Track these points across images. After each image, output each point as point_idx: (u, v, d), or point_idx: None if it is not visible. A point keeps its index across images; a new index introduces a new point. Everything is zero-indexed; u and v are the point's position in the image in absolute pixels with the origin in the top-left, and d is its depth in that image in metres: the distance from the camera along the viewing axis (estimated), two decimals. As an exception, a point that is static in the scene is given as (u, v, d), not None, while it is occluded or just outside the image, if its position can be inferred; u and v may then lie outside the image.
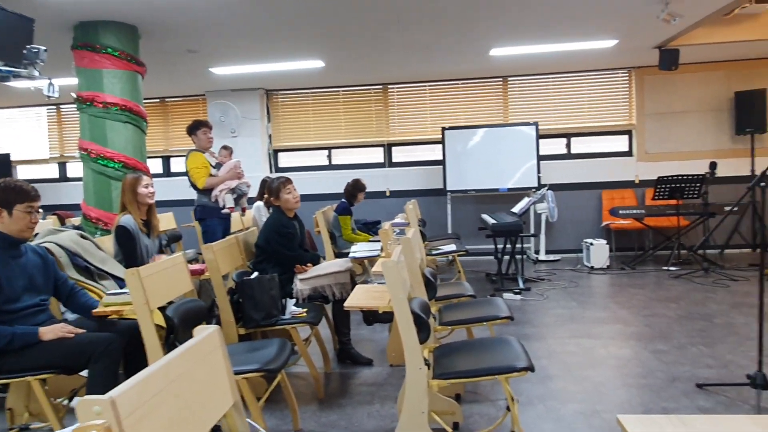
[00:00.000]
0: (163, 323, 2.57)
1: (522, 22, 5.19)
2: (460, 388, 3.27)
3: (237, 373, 2.41)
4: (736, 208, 6.60)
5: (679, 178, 6.43)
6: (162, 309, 2.64)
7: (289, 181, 4.01)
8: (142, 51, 5.04)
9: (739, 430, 1.53)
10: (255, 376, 2.45)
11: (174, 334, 2.44)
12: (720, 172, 6.95)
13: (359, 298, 2.85)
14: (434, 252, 5.99)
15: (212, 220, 4.95)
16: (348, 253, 4.82)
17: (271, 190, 4.05)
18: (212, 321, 3.40)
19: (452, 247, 6.09)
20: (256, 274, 3.47)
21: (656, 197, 6.56)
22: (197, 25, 4.88)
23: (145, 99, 5.51)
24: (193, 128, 5.00)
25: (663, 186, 6.49)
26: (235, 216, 5.42)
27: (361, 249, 4.62)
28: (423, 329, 2.30)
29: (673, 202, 6.57)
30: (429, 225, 7.80)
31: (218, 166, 5.05)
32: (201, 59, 6.18)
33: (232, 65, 6.55)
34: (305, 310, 3.46)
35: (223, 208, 4.91)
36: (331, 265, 3.92)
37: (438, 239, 6.89)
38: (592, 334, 4.37)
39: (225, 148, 5.27)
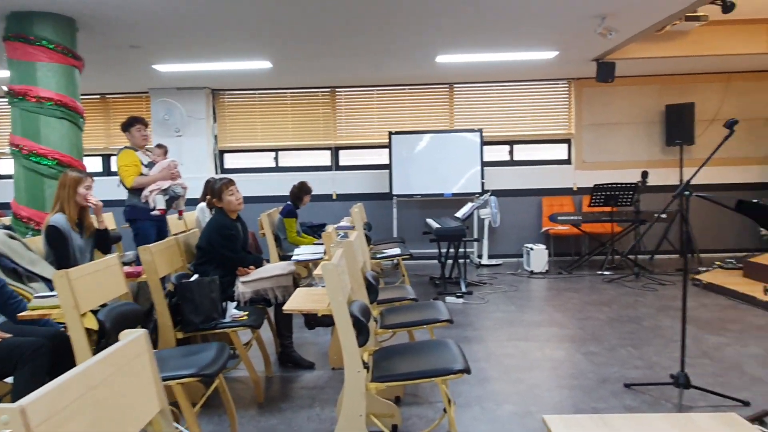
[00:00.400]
0: (95, 327, 2.49)
1: (466, 30, 5.30)
2: (399, 391, 3.30)
3: (172, 378, 2.37)
4: (664, 216, 6.94)
5: (614, 186, 6.72)
6: (96, 312, 2.56)
7: (231, 182, 3.96)
8: (81, 44, 4.87)
9: (655, 428, 1.63)
10: (191, 381, 2.41)
11: (106, 338, 2.37)
12: (651, 181, 7.29)
13: (299, 301, 2.85)
14: (379, 255, 6.04)
15: (144, 222, 4.74)
16: (292, 255, 4.80)
17: (213, 191, 3.99)
18: (150, 325, 3.32)
19: (397, 250, 6.15)
20: (196, 276, 3.42)
21: (592, 204, 6.83)
22: (139, 19, 4.75)
23: (84, 95, 5.31)
24: (128, 125, 4.83)
25: (599, 194, 6.76)
26: (174, 218, 5.27)
27: (304, 252, 4.61)
28: (362, 332, 2.33)
29: (607, 209, 6.86)
30: (375, 229, 7.84)
31: (151, 165, 4.86)
32: (144, 55, 6.02)
33: (177, 63, 6.41)
34: (246, 313, 3.42)
35: (154, 209, 4.71)
36: (273, 268, 3.90)
37: (383, 243, 6.94)
38: (529, 336, 4.50)
39: (159, 146, 5.05)
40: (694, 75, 7.89)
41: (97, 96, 8.25)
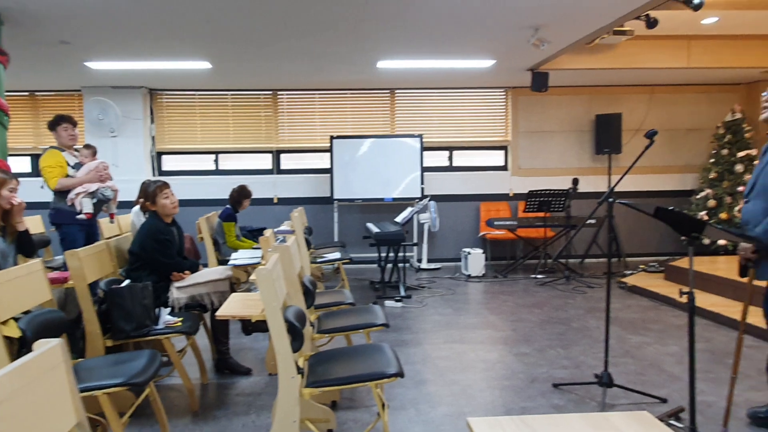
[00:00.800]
0: (17, 335, 2.40)
1: (406, 37, 5.38)
2: (335, 396, 3.33)
3: (99, 388, 2.32)
4: (593, 221, 7.26)
5: (547, 192, 6.97)
6: (18, 320, 2.46)
7: (166, 185, 3.88)
8: (6, 39, 4.64)
9: (572, 427, 1.72)
10: (119, 390, 2.35)
11: (27, 347, 2.29)
12: (581, 188, 7.61)
13: (233, 306, 2.83)
14: (319, 260, 6.05)
15: (70, 227, 4.54)
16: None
17: (147, 194, 3.89)
18: (78, 333, 3.21)
19: (337, 255, 6.18)
20: (127, 281, 3.33)
21: (527, 210, 7.07)
22: (69, 14, 4.57)
23: (10, 91, 5.08)
24: (54, 123, 4.63)
25: (533, 199, 7.00)
26: (107, 222, 5.09)
27: (241, 256, 4.56)
28: (296, 338, 2.34)
29: (541, 214, 7.11)
30: (316, 233, 7.83)
31: (79, 166, 4.66)
32: (75, 52, 5.79)
33: (111, 60, 6.20)
34: (181, 319, 3.37)
35: (80, 213, 4.52)
36: (210, 272, 3.85)
37: (324, 247, 6.95)
38: (464, 339, 4.62)
39: (87, 147, 4.82)
40: (622, 87, 8.30)
41: (26, 93, 7.88)
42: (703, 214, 7.46)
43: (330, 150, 7.83)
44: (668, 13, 5.04)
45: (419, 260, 8.03)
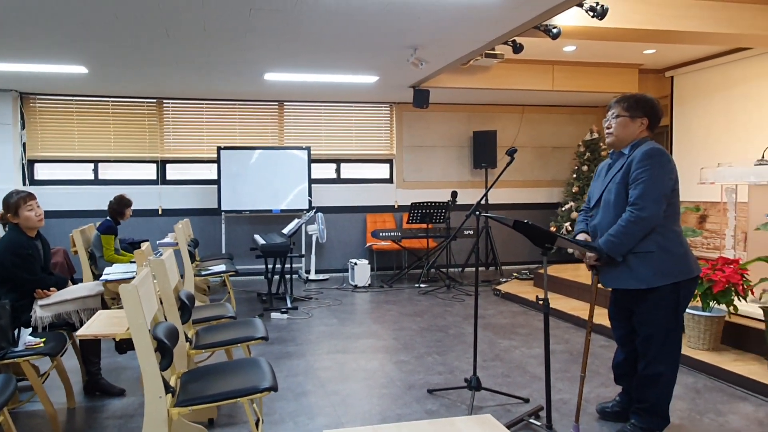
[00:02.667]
0: None
1: (292, 51, 5.43)
2: (212, 413, 3.29)
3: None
4: (471, 232, 7.68)
5: (428, 204, 7.30)
6: None
7: (30, 196, 3.65)
8: None
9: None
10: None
11: None
12: (460, 201, 8.03)
13: (99, 324, 2.74)
14: (204, 272, 5.92)
15: None
16: (106, 275, 4.52)
17: (8, 205, 3.63)
18: None
19: (222, 267, 6.08)
20: (-18, 302, 3.11)
21: (410, 221, 7.35)
22: None
23: None
24: None
25: (415, 211, 7.29)
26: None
27: (115, 271, 4.37)
28: (165, 355, 2.32)
29: (423, 225, 7.42)
30: (203, 245, 7.65)
31: None
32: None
33: (-29, 60, 5.71)
34: (43, 339, 3.19)
35: None
36: (79, 288, 3.67)
37: (210, 259, 6.81)
38: (347, 349, 4.72)
39: None
40: (497, 106, 8.88)
41: None
42: (567, 225, 8.16)
43: (217, 161, 7.69)
44: (534, 40, 5.49)
45: (307, 271, 8.07)
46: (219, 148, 7.70)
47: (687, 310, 4.25)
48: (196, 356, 3.47)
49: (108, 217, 5.58)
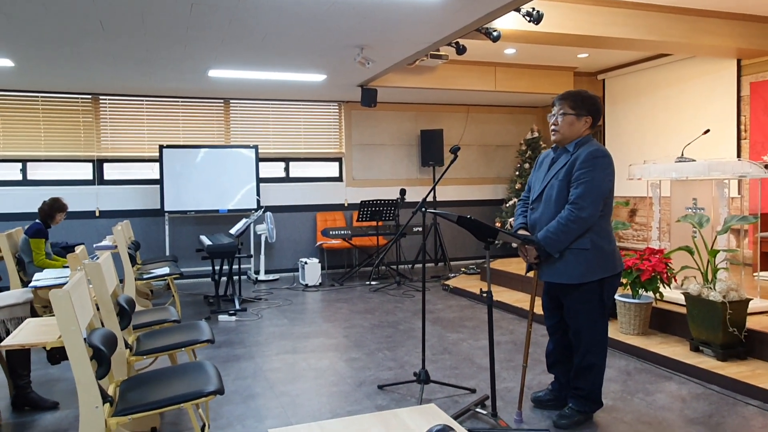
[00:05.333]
0: None
1: (237, 48, 5.34)
2: (155, 421, 3.20)
3: None
4: (420, 229, 7.76)
5: (378, 202, 7.33)
6: None
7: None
8: None
9: (364, 427, 1.86)
10: None
11: None
12: (409, 198, 8.11)
13: (26, 334, 2.61)
14: (146, 276, 5.75)
15: None
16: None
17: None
18: None
19: (166, 269, 5.92)
20: None
21: (360, 219, 7.36)
22: None
23: None
24: None
25: (365, 209, 7.30)
26: None
27: (46, 276, 4.18)
28: (102, 363, 2.24)
29: (373, 223, 7.45)
30: (145, 247, 7.44)
31: None
32: None
33: None
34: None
35: None
36: (5, 297, 3.49)
37: (153, 262, 6.63)
38: (297, 349, 4.68)
39: None
40: (443, 105, 9.01)
41: None
42: (511, 221, 8.35)
43: (160, 160, 7.48)
44: (477, 43, 5.61)
45: (257, 272, 7.96)
46: (161, 147, 7.50)
47: (618, 298, 4.52)
48: (137, 363, 3.37)
49: (37, 220, 5.34)
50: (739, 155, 6.68)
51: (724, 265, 4.37)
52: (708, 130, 5.23)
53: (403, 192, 7.63)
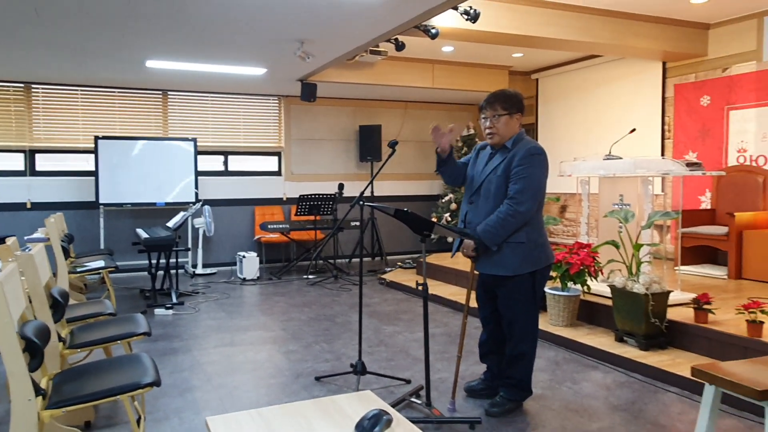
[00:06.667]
0: None
1: (175, 38, 5.27)
2: (89, 414, 3.19)
3: None
4: (358, 223, 7.89)
5: (316, 196, 7.40)
6: None
7: None
8: None
9: (302, 413, 1.95)
10: None
11: None
12: (347, 193, 8.22)
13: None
14: (80, 269, 5.63)
15: None
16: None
17: None
18: None
19: (101, 263, 5.81)
20: None
21: (298, 213, 7.42)
22: None
23: None
24: None
25: (303, 203, 7.37)
26: None
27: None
28: (35, 355, 2.25)
29: (311, 217, 7.52)
30: (79, 240, 7.25)
31: None
32: None
33: None
34: None
35: None
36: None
37: (88, 255, 6.48)
38: (235, 341, 4.72)
39: None
40: (381, 101, 9.16)
41: None
42: (447, 216, 8.63)
43: (95, 151, 7.29)
44: (416, 40, 5.75)
45: (194, 265, 7.89)
46: (97, 138, 7.31)
47: (548, 291, 4.71)
48: (71, 357, 3.35)
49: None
50: (663, 154, 7.04)
51: (648, 259, 4.55)
52: (634, 129, 5.52)
53: (341, 186, 7.73)
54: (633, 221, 4.48)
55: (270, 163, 8.70)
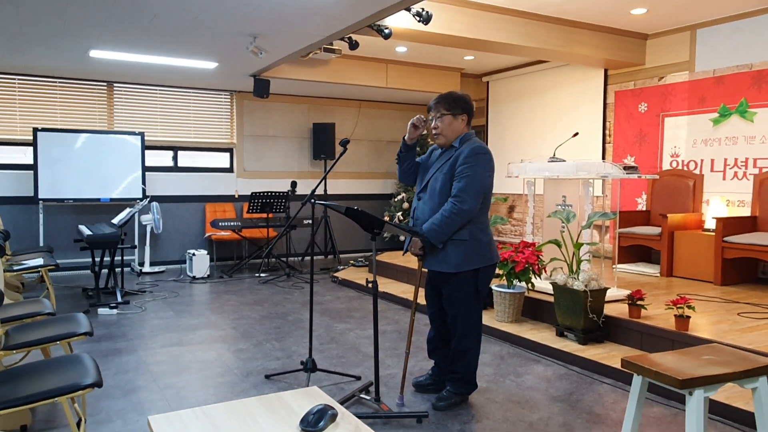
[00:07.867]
0: None
1: (121, 27, 5.09)
2: (26, 418, 3.07)
3: None
4: (310, 221, 7.85)
5: (269, 194, 7.33)
6: None
7: None
8: None
9: (248, 410, 1.94)
10: None
11: None
12: (299, 190, 8.18)
13: None
14: (17, 267, 5.39)
15: None
16: None
17: None
18: None
19: (40, 261, 5.58)
20: None
21: (250, 211, 7.33)
22: None
23: None
24: None
25: (256, 201, 7.28)
26: None
27: None
28: (-33, 359, 2.15)
29: (264, 215, 7.44)
30: (16, 236, 6.95)
31: None
32: None
33: None
34: None
35: None
36: None
37: (26, 253, 6.21)
38: (183, 341, 4.62)
39: None
40: (335, 99, 9.14)
41: None
42: (399, 215, 8.69)
43: (34, 144, 7.00)
44: (370, 39, 5.77)
45: (141, 263, 7.68)
46: (35, 130, 7.01)
47: (494, 288, 4.85)
48: (6, 359, 3.21)
49: None
50: (604, 157, 7.32)
51: (587, 258, 4.72)
52: (577, 133, 5.71)
53: (294, 184, 7.67)
54: (574, 221, 4.65)
55: (221, 160, 8.55)
